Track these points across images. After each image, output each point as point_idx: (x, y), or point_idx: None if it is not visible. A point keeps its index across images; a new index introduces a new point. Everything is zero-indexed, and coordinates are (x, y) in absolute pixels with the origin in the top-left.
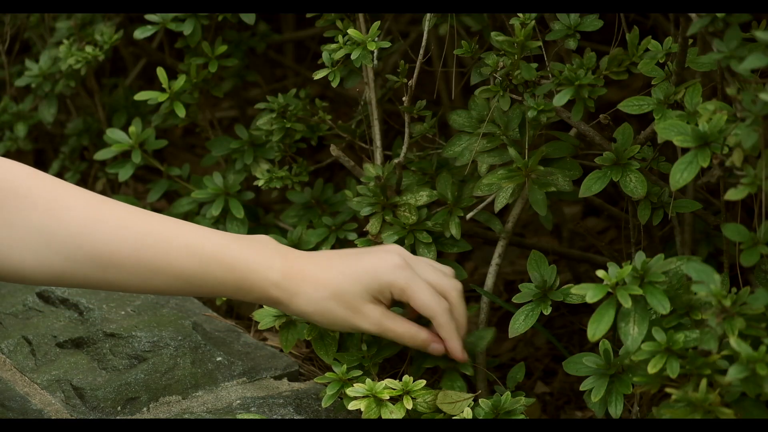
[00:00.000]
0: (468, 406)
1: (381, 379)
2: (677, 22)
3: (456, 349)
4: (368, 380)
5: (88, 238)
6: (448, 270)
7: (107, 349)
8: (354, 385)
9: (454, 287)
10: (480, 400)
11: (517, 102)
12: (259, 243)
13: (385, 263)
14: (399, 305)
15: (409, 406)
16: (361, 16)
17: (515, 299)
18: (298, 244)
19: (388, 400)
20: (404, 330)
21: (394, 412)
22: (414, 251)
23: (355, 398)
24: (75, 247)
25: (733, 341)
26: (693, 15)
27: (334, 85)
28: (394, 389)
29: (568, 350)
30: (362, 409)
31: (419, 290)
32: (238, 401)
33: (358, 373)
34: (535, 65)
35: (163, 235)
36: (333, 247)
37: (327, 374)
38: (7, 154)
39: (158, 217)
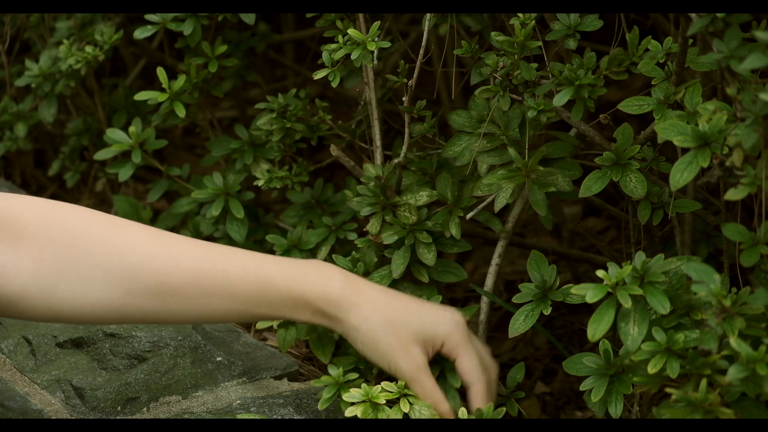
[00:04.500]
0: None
1: (378, 381)
2: (677, 22)
3: None
4: (364, 385)
5: (146, 270)
6: (488, 352)
7: (107, 349)
8: (350, 390)
9: (495, 366)
10: None
11: (517, 102)
12: (317, 263)
13: (447, 316)
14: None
15: (406, 409)
16: (361, 16)
17: (515, 299)
18: (298, 244)
19: (384, 403)
20: (434, 391)
21: (391, 416)
22: (414, 251)
23: (352, 404)
24: (134, 280)
25: (733, 341)
26: (693, 15)
27: (334, 85)
28: (391, 392)
29: (568, 350)
30: (359, 416)
31: (471, 353)
32: (238, 401)
33: (355, 375)
34: (535, 65)
35: (221, 261)
36: (333, 247)
37: (323, 378)
38: (8, 154)
39: (213, 245)
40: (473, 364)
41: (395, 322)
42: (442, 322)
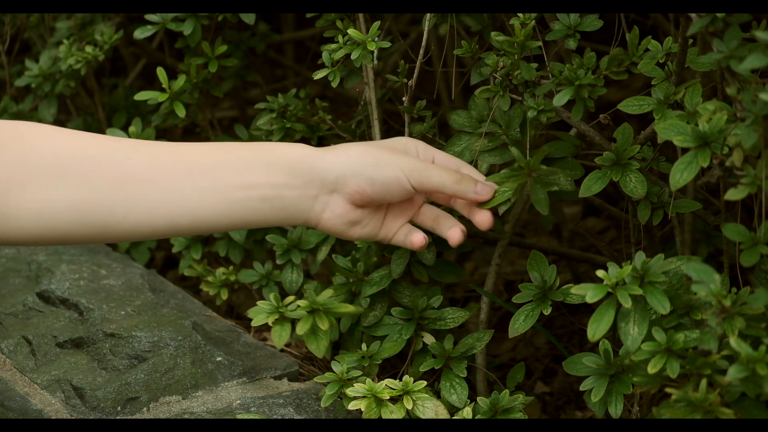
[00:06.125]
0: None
1: (381, 379)
2: (677, 22)
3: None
4: (368, 380)
5: (105, 161)
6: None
7: (107, 349)
8: (354, 384)
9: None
10: (478, 399)
11: (517, 102)
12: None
13: (402, 138)
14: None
15: (409, 406)
16: (361, 16)
17: (515, 299)
18: (298, 244)
19: (388, 400)
20: (443, 170)
21: (394, 412)
22: (413, 251)
23: (355, 398)
24: (92, 172)
25: (733, 341)
26: (693, 15)
27: (334, 85)
28: (394, 389)
29: (568, 350)
30: (362, 409)
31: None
32: (238, 401)
33: (358, 373)
34: (535, 65)
35: (179, 145)
36: (333, 247)
37: (326, 374)
38: None
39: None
40: (448, 156)
41: (376, 145)
42: (405, 140)
